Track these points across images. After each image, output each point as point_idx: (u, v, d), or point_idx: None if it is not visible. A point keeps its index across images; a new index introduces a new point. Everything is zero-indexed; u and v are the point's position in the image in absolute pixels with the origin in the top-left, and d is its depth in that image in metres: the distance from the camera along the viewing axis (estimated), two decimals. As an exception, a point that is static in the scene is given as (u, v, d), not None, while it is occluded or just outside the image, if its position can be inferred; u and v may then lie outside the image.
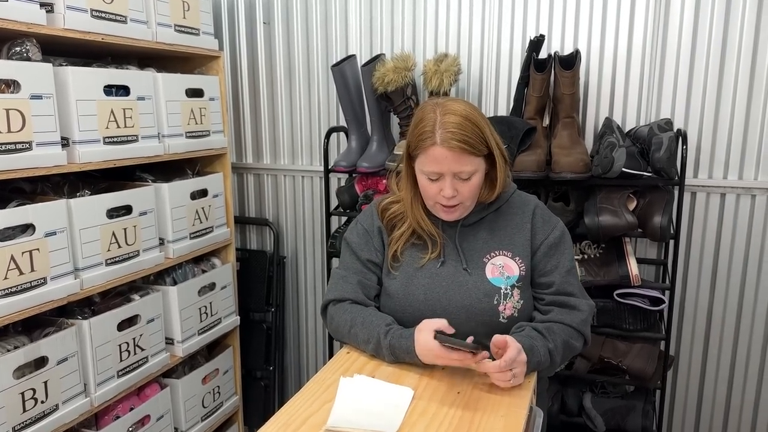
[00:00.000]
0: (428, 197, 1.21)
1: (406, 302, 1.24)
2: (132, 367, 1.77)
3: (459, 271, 1.24)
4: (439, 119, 1.14)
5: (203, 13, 1.99)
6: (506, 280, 1.22)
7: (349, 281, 1.30)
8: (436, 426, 0.92)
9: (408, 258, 1.28)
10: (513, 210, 1.28)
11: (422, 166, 1.18)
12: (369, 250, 1.31)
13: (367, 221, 1.35)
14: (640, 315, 1.69)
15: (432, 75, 1.81)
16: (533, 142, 1.73)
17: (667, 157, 1.53)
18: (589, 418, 1.75)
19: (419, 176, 1.21)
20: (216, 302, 2.13)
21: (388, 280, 1.29)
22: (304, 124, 2.31)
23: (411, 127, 1.21)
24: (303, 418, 0.94)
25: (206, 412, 2.14)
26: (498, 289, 1.21)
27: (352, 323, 1.21)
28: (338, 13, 2.16)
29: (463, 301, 1.21)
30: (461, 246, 1.26)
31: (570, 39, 1.87)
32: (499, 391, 1.02)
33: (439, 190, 1.17)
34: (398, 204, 1.30)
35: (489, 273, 1.23)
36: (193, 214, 2.00)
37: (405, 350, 1.10)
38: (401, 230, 1.28)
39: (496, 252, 1.25)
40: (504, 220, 1.27)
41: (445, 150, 1.13)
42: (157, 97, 1.80)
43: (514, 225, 1.27)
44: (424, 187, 1.21)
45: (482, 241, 1.26)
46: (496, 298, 1.21)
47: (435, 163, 1.15)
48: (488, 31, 1.97)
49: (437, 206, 1.22)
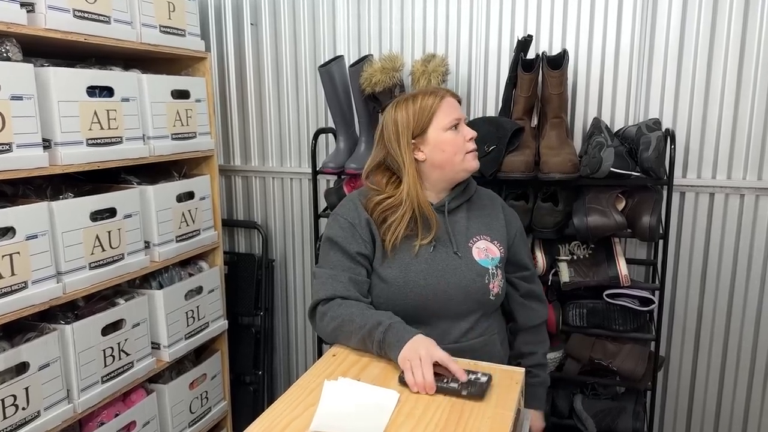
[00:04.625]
0: (458, 149, 1.30)
1: (407, 288, 1.28)
2: (117, 373, 1.74)
3: (450, 255, 1.31)
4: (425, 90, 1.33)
5: (189, 14, 1.97)
6: (491, 261, 1.33)
7: (340, 279, 1.28)
8: (422, 428, 0.90)
9: (401, 246, 1.31)
10: (483, 201, 1.42)
11: (442, 123, 1.30)
12: (357, 243, 1.30)
13: (351, 214, 1.34)
14: (630, 316, 1.68)
15: (420, 75, 1.80)
16: (521, 142, 1.72)
17: (655, 157, 1.53)
18: (579, 420, 1.74)
19: (441, 138, 1.29)
20: (203, 306, 2.10)
21: (383, 269, 1.30)
22: (292, 125, 2.29)
23: (403, 120, 1.30)
24: (285, 422, 0.92)
25: (194, 418, 2.11)
26: (486, 269, 1.31)
27: (349, 319, 1.19)
28: (326, 14, 2.15)
29: (460, 282, 1.29)
30: (450, 231, 1.32)
31: (558, 39, 1.87)
32: (486, 393, 1.00)
33: (463, 138, 1.31)
34: (390, 198, 1.32)
35: (476, 255, 1.32)
36: (180, 217, 1.98)
37: (399, 337, 1.11)
38: (396, 219, 1.29)
39: (477, 237, 1.35)
40: (478, 209, 1.39)
41: (453, 99, 1.33)
42: (142, 98, 1.78)
43: (488, 213, 1.39)
44: (452, 142, 1.30)
45: (464, 227, 1.35)
46: (486, 277, 1.31)
47: (453, 110, 1.31)
48: (476, 32, 1.97)
49: (467, 156, 1.32)
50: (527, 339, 1.43)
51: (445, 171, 1.32)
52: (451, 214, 1.35)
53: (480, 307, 1.31)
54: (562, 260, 1.71)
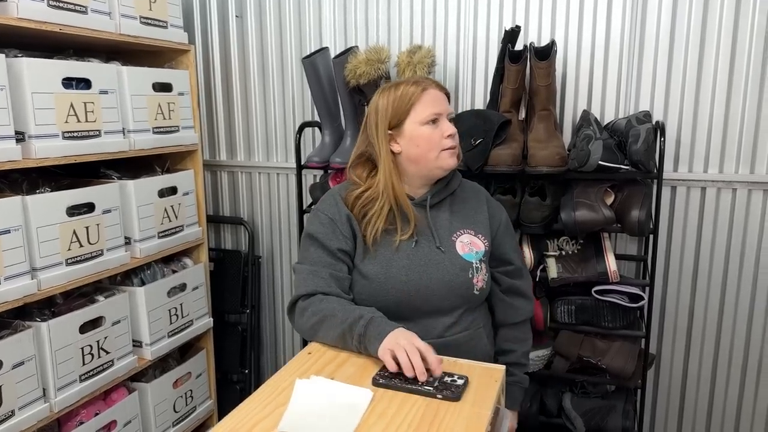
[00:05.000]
0: (433, 146, 1.26)
1: (388, 284, 1.25)
2: (96, 371, 1.70)
3: (433, 249, 1.28)
4: (411, 79, 1.29)
5: (171, 5, 1.93)
6: (475, 255, 1.31)
7: (320, 275, 1.25)
8: (394, 428, 0.87)
9: (381, 242, 1.28)
10: (467, 194, 1.38)
11: (420, 116, 1.25)
12: (338, 239, 1.28)
13: (331, 210, 1.31)
14: (620, 312, 1.65)
15: (405, 67, 1.76)
16: (508, 135, 1.69)
17: (644, 150, 1.49)
18: (568, 419, 1.71)
19: (417, 132, 1.26)
20: (187, 303, 2.06)
21: (364, 265, 1.28)
22: (278, 119, 2.26)
23: (383, 108, 1.27)
24: (253, 422, 0.88)
25: (178, 417, 2.07)
26: (470, 263, 1.29)
27: (330, 314, 1.16)
28: (312, 6, 2.11)
29: (443, 277, 1.26)
30: (433, 225, 1.29)
31: (547, 30, 1.83)
32: (462, 396, 0.96)
33: (441, 134, 1.26)
34: (368, 191, 1.29)
35: (460, 250, 1.30)
36: (162, 213, 1.94)
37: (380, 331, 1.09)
38: (375, 212, 1.27)
39: (461, 231, 1.32)
40: (462, 202, 1.36)
41: (438, 91, 1.28)
42: (121, 90, 1.74)
43: (472, 207, 1.36)
44: (427, 138, 1.25)
45: (447, 221, 1.33)
46: (470, 272, 1.28)
47: (433, 103, 1.26)
48: (464, 23, 1.93)
49: (443, 154, 1.27)
50: (506, 335, 1.40)
51: (419, 167, 1.28)
52: (434, 209, 1.32)
53: (464, 301, 1.29)
54: (550, 256, 1.68)
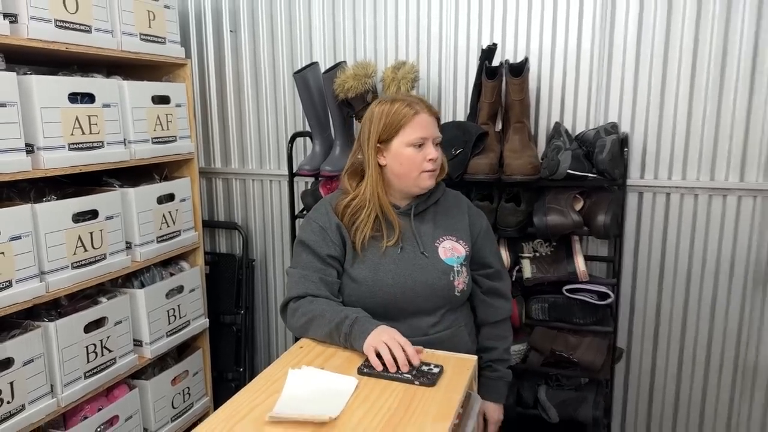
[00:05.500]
0: (415, 167, 1.36)
1: (376, 287, 1.35)
2: (100, 369, 1.80)
3: (417, 255, 1.39)
4: (408, 99, 1.37)
5: (169, 22, 2.04)
6: (456, 259, 1.41)
7: (311, 279, 1.36)
8: (375, 410, 0.98)
9: (369, 248, 1.38)
10: (449, 203, 1.49)
11: (407, 138, 1.35)
12: (328, 246, 1.38)
13: (322, 219, 1.42)
14: (590, 309, 1.78)
15: (390, 82, 1.88)
16: (486, 146, 1.81)
17: (609, 159, 1.62)
18: (543, 410, 1.83)
19: (401, 152, 1.35)
20: (184, 305, 2.17)
21: (353, 269, 1.38)
22: (271, 129, 2.37)
23: (376, 121, 1.37)
24: (247, 409, 1.00)
25: (176, 413, 2.18)
26: (452, 267, 1.39)
27: (319, 314, 1.28)
28: (302, 22, 2.23)
29: (426, 280, 1.37)
30: (416, 232, 1.39)
31: (522, 47, 1.96)
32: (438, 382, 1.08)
33: (423, 157, 1.35)
34: (356, 200, 1.39)
35: (442, 254, 1.40)
36: (161, 218, 2.04)
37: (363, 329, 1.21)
38: (362, 220, 1.37)
39: (443, 237, 1.42)
40: (444, 211, 1.47)
41: (429, 116, 1.37)
42: (122, 104, 1.85)
43: (454, 215, 1.47)
44: (410, 159, 1.35)
45: (431, 228, 1.43)
46: (451, 275, 1.39)
47: (422, 128, 1.35)
48: (445, 40, 2.05)
49: (422, 175, 1.37)
50: (488, 334, 1.51)
51: (400, 182, 1.39)
52: (418, 217, 1.42)
53: (446, 302, 1.40)
54: (525, 257, 1.80)
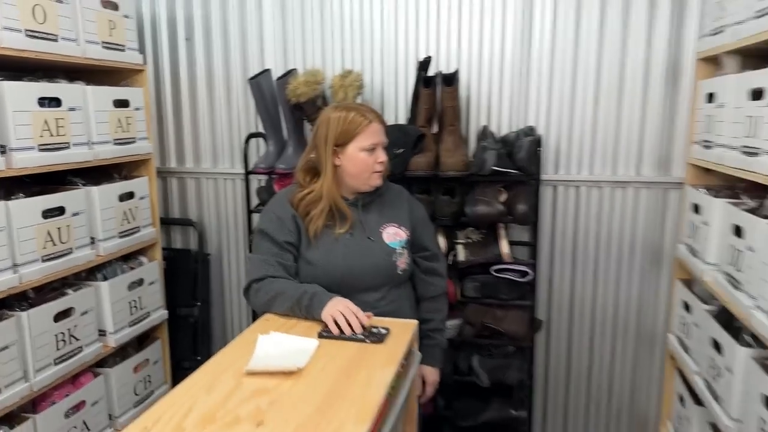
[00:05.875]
0: (367, 169, 1.56)
1: (329, 267, 1.55)
2: (68, 356, 1.91)
3: (365, 239, 1.59)
4: (362, 109, 1.56)
5: (128, 30, 2.17)
6: (398, 242, 1.62)
7: (270, 263, 1.55)
8: (334, 362, 1.20)
9: (322, 235, 1.57)
10: (392, 195, 1.70)
11: (362, 143, 1.54)
12: (284, 233, 1.56)
13: (279, 210, 1.60)
14: (514, 286, 2.06)
15: (338, 89, 2.09)
16: (424, 146, 2.06)
17: (526, 158, 1.90)
18: (476, 376, 2.09)
19: (356, 156, 1.54)
20: (144, 297, 2.29)
21: (308, 253, 1.56)
22: (224, 130, 2.53)
23: (333, 127, 1.54)
24: (226, 366, 1.18)
25: (138, 399, 2.30)
26: (394, 250, 1.60)
27: (280, 292, 1.47)
28: (254, 30, 2.40)
29: (373, 261, 1.58)
30: (364, 220, 1.60)
31: (454, 59, 2.22)
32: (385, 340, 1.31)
33: (375, 160, 1.56)
34: (311, 194, 1.58)
35: (386, 239, 1.61)
36: (122, 215, 2.17)
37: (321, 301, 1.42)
38: (318, 211, 1.55)
39: (387, 224, 1.63)
40: (388, 202, 1.67)
41: (380, 125, 1.57)
42: (86, 107, 1.97)
43: (396, 206, 1.68)
44: (364, 162, 1.55)
45: (376, 217, 1.63)
46: (394, 256, 1.60)
47: (375, 135, 1.55)
48: (387, 51, 2.29)
49: (373, 175, 1.57)
50: (427, 307, 1.73)
51: (353, 181, 1.58)
52: (365, 208, 1.63)
53: (390, 280, 1.61)
54: (459, 243, 2.06)
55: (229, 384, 1.12)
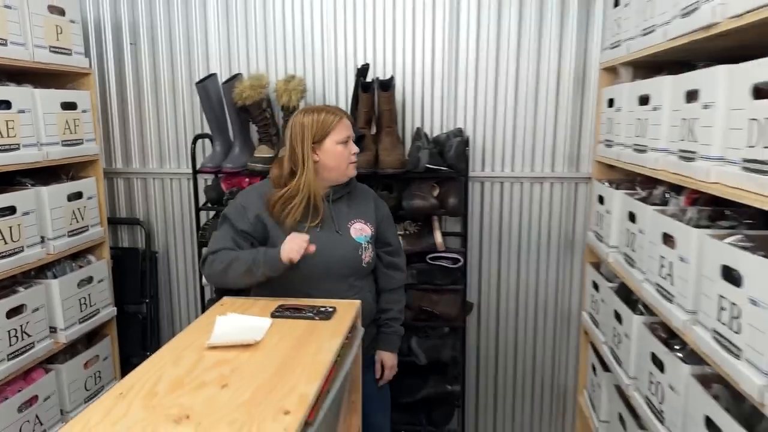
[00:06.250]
0: (344, 160, 1.70)
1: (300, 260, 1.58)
2: (20, 352, 1.97)
3: (333, 233, 1.71)
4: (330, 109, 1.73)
5: (74, 35, 2.23)
6: (364, 237, 1.75)
7: (226, 240, 1.65)
8: (288, 335, 1.35)
9: (294, 228, 1.66)
10: (359, 193, 1.84)
11: (337, 137, 1.68)
12: (244, 222, 1.67)
13: (248, 201, 1.70)
14: (447, 273, 2.27)
15: (282, 93, 2.24)
16: (364, 146, 2.23)
17: (456, 156, 2.12)
18: (415, 355, 2.29)
19: (334, 149, 1.68)
20: (94, 294, 2.36)
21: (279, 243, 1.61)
22: (170, 132, 2.61)
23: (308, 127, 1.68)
24: (188, 343, 1.31)
25: (89, 395, 2.36)
26: (360, 244, 1.73)
27: (235, 258, 1.59)
28: (199, 36, 2.51)
29: (341, 253, 1.70)
30: (334, 215, 1.73)
31: (390, 66, 2.42)
32: (332, 317, 1.48)
33: (349, 152, 1.71)
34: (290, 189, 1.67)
35: (353, 233, 1.74)
36: (70, 215, 2.23)
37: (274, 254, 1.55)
38: (294, 206, 1.65)
39: (354, 220, 1.76)
40: (356, 199, 1.81)
41: (347, 120, 1.73)
42: (36, 110, 2.02)
43: (363, 203, 1.82)
44: (341, 153, 1.69)
45: (345, 212, 1.76)
46: (360, 250, 1.73)
47: (346, 129, 1.71)
48: (327, 58, 2.45)
49: (350, 166, 1.72)
50: (386, 298, 1.86)
51: (332, 173, 1.70)
52: (335, 203, 1.74)
53: (355, 272, 1.73)
54: (398, 234, 2.25)
55: (192, 357, 1.26)
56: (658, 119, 1.61)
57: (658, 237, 1.54)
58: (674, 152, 1.50)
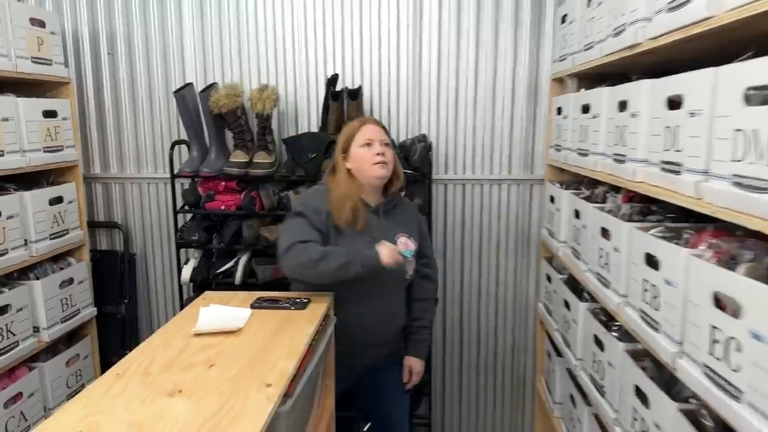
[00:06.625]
0: (366, 161, 1.77)
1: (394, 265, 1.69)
2: (6, 350, 2.05)
3: None
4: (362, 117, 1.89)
5: (54, 46, 2.33)
6: (410, 252, 1.84)
7: (311, 233, 1.69)
8: (267, 323, 1.49)
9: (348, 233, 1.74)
10: (405, 207, 1.96)
11: (359, 142, 1.78)
12: (318, 222, 1.73)
13: (317, 203, 1.77)
14: (413, 269, 2.43)
15: (256, 101, 2.37)
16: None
17: (420, 160, 2.29)
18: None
19: (356, 153, 1.78)
20: (75, 295, 2.45)
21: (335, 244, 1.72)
22: (147, 138, 2.72)
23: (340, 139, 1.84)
24: (175, 332, 1.44)
25: (71, 392, 2.44)
26: (406, 257, 1.79)
27: (329, 251, 1.64)
28: (175, 46, 2.62)
29: None
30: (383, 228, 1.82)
31: (357, 76, 2.58)
32: (306, 307, 1.62)
33: (372, 153, 1.77)
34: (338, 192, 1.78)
35: (400, 247, 1.81)
36: (52, 218, 2.32)
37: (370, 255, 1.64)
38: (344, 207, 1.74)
39: (400, 233, 1.86)
40: (402, 213, 1.92)
41: (374, 125, 1.83)
42: (18, 118, 2.11)
43: (408, 217, 1.93)
44: (362, 155, 1.77)
45: (393, 225, 1.86)
46: (405, 262, 1.78)
47: (368, 133, 1.79)
48: (298, 68, 2.60)
49: (374, 167, 1.77)
50: (419, 307, 1.98)
51: (362, 175, 1.79)
52: (385, 215, 1.84)
53: (396, 284, 1.85)
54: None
55: (180, 343, 1.39)
56: (597, 126, 1.81)
57: (598, 231, 1.73)
58: (610, 155, 1.70)
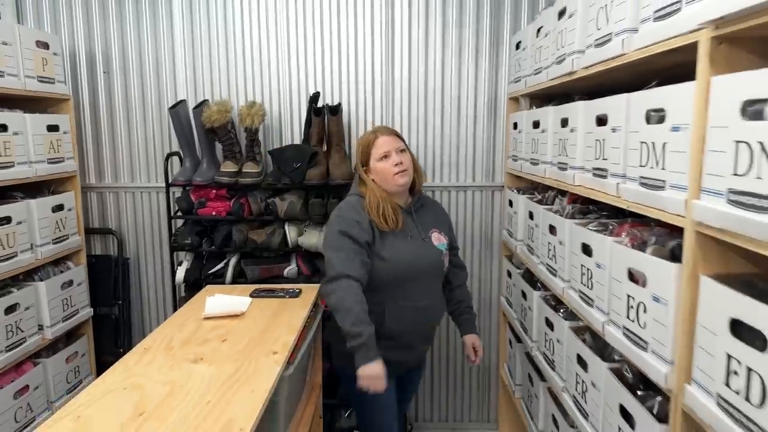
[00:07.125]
0: (387, 174, 1.83)
1: (398, 263, 1.81)
2: (14, 345, 2.23)
3: (420, 241, 1.91)
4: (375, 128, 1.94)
5: (57, 66, 2.53)
6: (442, 245, 1.97)
7: (355, 262, 1.71)
8: (266, 309, 1.73)
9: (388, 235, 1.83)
10: (431, 204, 2.10)
11: (376, 155, 1.85)
12: (364, 235, 1.78)
13: (357, 215, 1.81)
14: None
15: (246, 116, 2.61)
16: (317, 161, 2.64)
17: (393, 168, 2.56)
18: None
19: (376, 167, 1.85)
20: (74, 296, 2.63)
21: (382, 251, 1.81)
22: (141, 150, 2.92)
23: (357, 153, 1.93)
24: (186, 317, 1.67)
25: (70, 387, 2.62)
26: (441, 251, 1.95)
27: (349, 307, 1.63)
28: (167, 65, 2.85)
29: (430, 258, 1.92)
30: (419, 225, 1.93)
31: (337, 94, 2.85)
32: (299, 296, 1.87)
33: (391, 164, 1.83)
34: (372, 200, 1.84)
35: (435, 241, 1.95)
36: (54, 225, 2.51)
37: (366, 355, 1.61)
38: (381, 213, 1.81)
39: (432, 229, 1.98)
40: (430, 209, 2.05)
41: (386, 136, 1.87)
42: (26, 132, 2.31)
43: (436, 213, 2.07)
44: (383, 169, 1.83)
45: (425, 222, 1.97)
46: (441, 256, 1.95)
47: (384, 145, 1.85)
48: (283, 86, 2.86)
49: (395, 177, 1.83)
50: (459, 292, 2.13)
51: (386, 186, 1.87)
52: (417, 213, 1.95)
53: (436, 275, 1.96)
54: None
55: (192, 325, 1.62)
56: (545, 139, 2.12)
57: (547, 228, 2.03)
58: (555, 164, 2.00)
